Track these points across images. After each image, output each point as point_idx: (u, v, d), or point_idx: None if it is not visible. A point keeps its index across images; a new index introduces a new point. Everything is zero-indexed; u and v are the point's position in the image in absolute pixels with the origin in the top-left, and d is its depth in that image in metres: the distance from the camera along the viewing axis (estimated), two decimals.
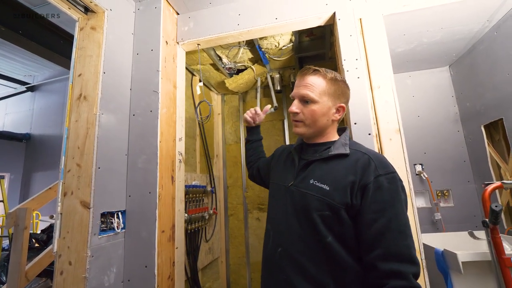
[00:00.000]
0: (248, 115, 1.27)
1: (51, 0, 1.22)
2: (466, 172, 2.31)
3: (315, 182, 0.80)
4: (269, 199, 0.99)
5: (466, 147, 2.34)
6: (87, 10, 1.33)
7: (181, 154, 1.55)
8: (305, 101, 0.85)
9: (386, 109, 1.34)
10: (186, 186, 1.85)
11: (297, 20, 1.45)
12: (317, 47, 1.93)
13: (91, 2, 1.26)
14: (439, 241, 1.88)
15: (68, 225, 1.17)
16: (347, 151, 0.82)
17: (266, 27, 1.49)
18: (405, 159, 1.36)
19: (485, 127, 2.12)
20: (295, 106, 0.86)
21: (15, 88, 7.69)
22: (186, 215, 1.79)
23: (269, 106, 1.29)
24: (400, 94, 2.38)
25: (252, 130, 1.32)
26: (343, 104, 0.87)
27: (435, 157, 2.37)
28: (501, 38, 1.79)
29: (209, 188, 2.19)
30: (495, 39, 1.84)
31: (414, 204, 1.23)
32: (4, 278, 2.85)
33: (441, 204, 2.32)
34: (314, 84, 0.84)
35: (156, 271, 1.24)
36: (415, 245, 1.13)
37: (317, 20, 1.46)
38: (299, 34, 1.78)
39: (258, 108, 1.28)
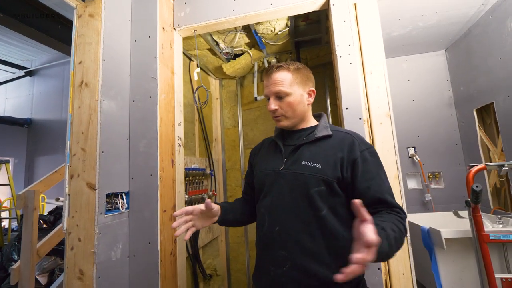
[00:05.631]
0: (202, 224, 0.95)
1: None
2: (458, 155, 2.39)
3: (308, 163, 0.87)
4: (258, 186, 0.99)
5: (459, 131, 2.39)
6: None
7: (180, 138, 1.62)
8: (280, 96, 0.91)
9: (377, 94, 1.38)
10: (186, 169, 1.93)
11: (292, 5, 1.46)
12: (313, 32, 1.95)
13: None
14: (427, 220, 1.98)
15: (76, 205, 1.25)
16: (330, 132, 0.91)
17: (262, 12, 1.50)
18: (394, 142, 1.41)
19: (477, 111, 2.17)
20: (272, 104, 0.92)
21: (13, 73, 7.65)
22: (186, 196, 1.88)
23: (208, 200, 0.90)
24: (395, 78, 2.41)
25: (223, 218, 1.01)
26: (312, 88, 0.96)
27: (428, 141, 2.43)
28: (496, 22, 1.80)
29: (208, 171, 2.27)
30: (490, 23, 1.85)
31: (402, 185, 1.30)
32: (16, 256, 3.01)
33: (432, 186, 2.41)
34: (282, 78, 0.91)
35: (159, 247, 1.34)
36: None
37: (311, 5, 1.47)
38: (295, 19, 1.79)
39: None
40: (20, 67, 7.57)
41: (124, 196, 1.39)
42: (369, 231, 0.55)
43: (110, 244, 1.28)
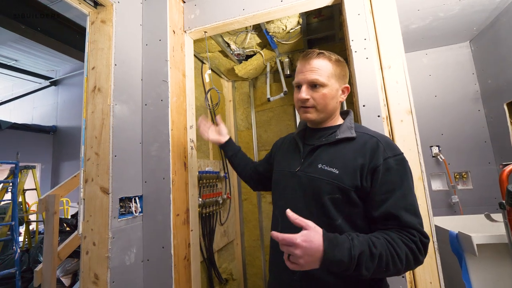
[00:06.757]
0: (208, 135, 1.31)
1: None
2: (487, 153, 2.22)
3: (324, 167, 0.80)
4: (274, 186, 0.98)
5: (487, 127, 2.23)
6: (96, 4, 1.37)
7: (192, 141, 1.60)
8: (314, 85, 0.83)
9: (397, 89, 1.30)
10: (199, 172, 1.92)
11: (303, 1, 1.41)
12: (326, 28, 1.88)
13: None
14: (455, 224, 1.85)
15: (90, 209, 1.26)
16: (353, 134, 0.82)
17: (272, 10, 1.46)
18: (417, 141, 1.32)
19: (508, 104, 2.00)
20: (304, 93, 0.83)
21: (40, 83, 8.08)
22: (200, 199, 1.87)
23: (219, 116, 1.35)
24: (415, 73, 2.28)
25: (226, 147, 1.28)
26: (348, 85, 0.88)
27: (453, 139, 2.28)
28: None
29: (222, 174, 2.25)
30: None
31: (426, 187, 1.21)
32: (41, 258, 3.13)
33: (459, 187, 2.25)
34: (321, 67, 0.83)
35: (172, 252, 1.32)
36: (427, 229, 1.13)
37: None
38: (306, 16, 1.74)
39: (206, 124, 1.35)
40: (46, 77, 8.01)
41: (137, 200, 1.39)
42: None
43: (124, 249, 1.28)
